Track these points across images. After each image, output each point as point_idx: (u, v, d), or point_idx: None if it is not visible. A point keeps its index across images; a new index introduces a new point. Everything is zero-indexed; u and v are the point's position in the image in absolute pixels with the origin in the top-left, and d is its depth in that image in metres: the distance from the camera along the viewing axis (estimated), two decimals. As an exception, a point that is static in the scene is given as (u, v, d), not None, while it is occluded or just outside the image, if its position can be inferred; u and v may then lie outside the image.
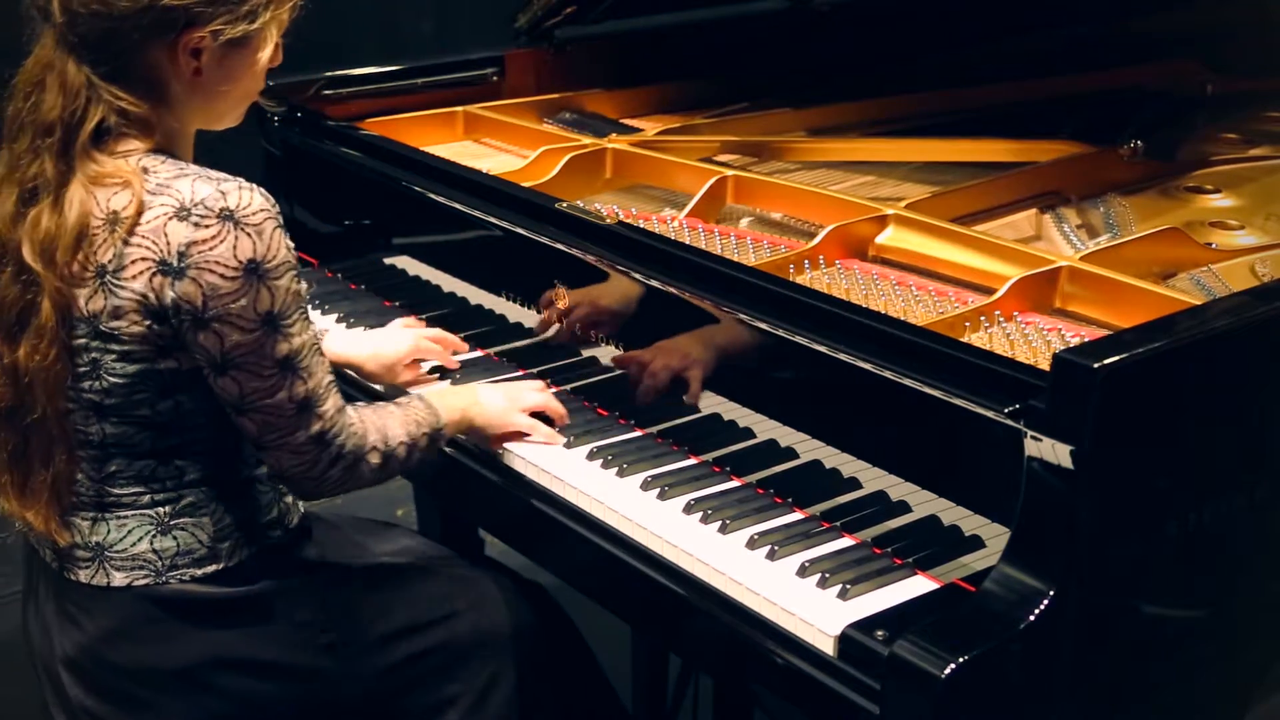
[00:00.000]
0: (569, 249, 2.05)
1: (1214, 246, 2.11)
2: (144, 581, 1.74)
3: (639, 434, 1.97)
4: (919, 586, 1.60)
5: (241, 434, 1.73)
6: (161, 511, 1.74)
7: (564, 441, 1.95)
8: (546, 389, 2.02)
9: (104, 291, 1.65)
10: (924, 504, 1.68)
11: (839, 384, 1.74)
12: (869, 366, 1.67)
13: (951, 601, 1.54)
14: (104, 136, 1.68)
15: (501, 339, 2.23)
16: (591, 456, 1.91)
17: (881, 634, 1.50)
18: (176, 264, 1.62)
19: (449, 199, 2.26)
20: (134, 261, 1.63)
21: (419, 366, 2.16)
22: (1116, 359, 1.45)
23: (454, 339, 2.19)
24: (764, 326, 1.80)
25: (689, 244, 2.07)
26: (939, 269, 2.03)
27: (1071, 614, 1.48)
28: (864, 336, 1.70)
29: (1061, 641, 1.49)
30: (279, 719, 1.82)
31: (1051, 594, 1.46)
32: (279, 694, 1.80)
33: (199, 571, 1.75)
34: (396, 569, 1.97)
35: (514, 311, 2.21)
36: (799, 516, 1.76)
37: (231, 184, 1.65)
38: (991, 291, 1.89)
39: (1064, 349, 1.50)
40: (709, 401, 1.91)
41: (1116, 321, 1.82)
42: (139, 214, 1.63)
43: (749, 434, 1.87)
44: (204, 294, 1.62)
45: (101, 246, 1.65)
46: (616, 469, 1.88)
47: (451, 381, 2.14)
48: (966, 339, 1.79)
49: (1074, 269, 1.90)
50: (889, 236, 2.09)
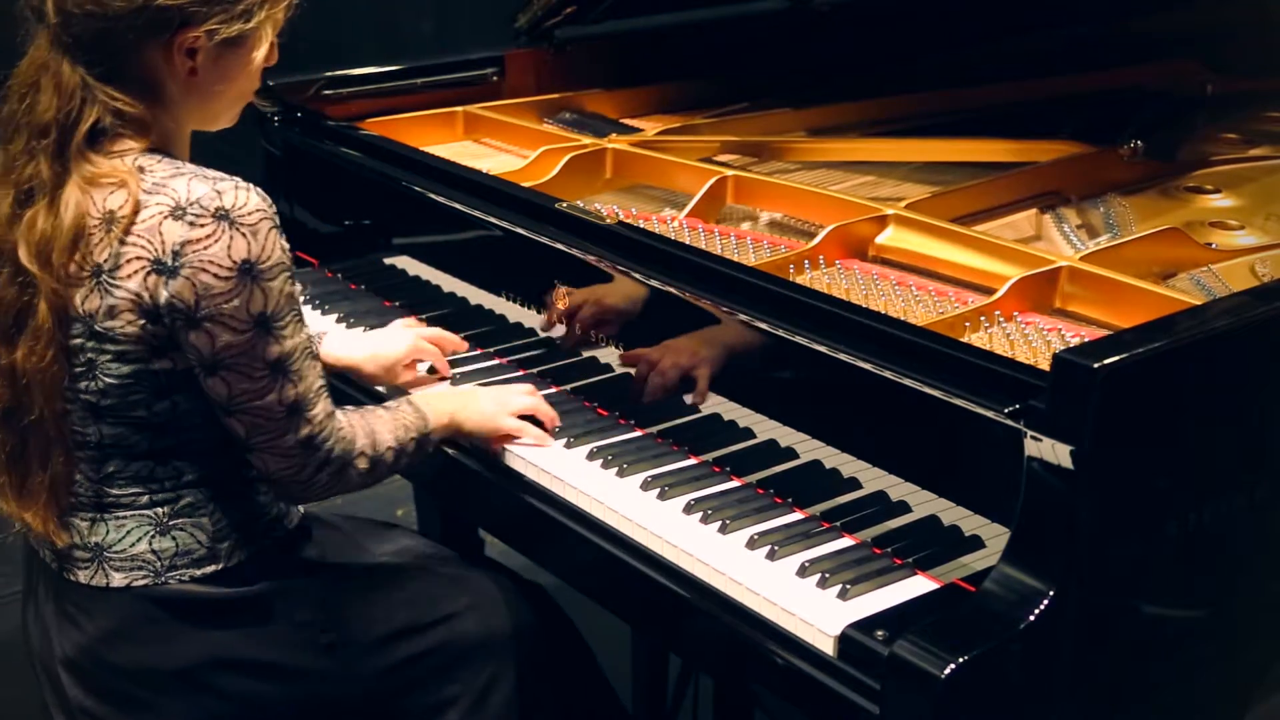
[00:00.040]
0: (569, 249, 2.05)
1: (1214, 246, 2.11)
2: (143, 582, 1.74)
3: (639, 434, 1.97)
4: (919, 586, 1.60)
5: None
6: (160, 512, 1.74)
7: (555, 443, 1.95)
8: (536, 392, 2.01)
9: (99, 291, 1.65)
10: (924, 504, 1.68)
11: (839, 384, 1.74)
12: (869, 366, 1.67)
13: (951, 601, 1.54)
14: (99, 137, 1.67)
15: (501, 339, 2.23)
16: (591, 456, 1.91)
17: (881, 634, 1.50)
18: (171, 263, 1.62)
19: (449, 199, 2.26)
20: (129, 261, 1.63)
21: (418, 367, 2.16)
22: (1116, 359, 1.45)
23: (453, 338, 2.19)
24: (764, 326, 1.79)
25: (689, 244, 2.07)
26: (939, 269, 2.02)
27: (1071, 614, 1.48)
28: (864, 336, 1.70)
29: (1061, 641, 1.48)
30: (278, 719, 1.82)
31: (1051, 594, 1.46)
32: (278, 694, 1.80)
33: (198, 572, 1.75)
34: (396, 569, 1.97)
35: (514, 311, 2.21)
36: (799, 516, 1.76)
37: (228, 183, 1.64)
38: (991, 291, 1.89)
39: (1064, 349, 1.50)
40: (709, 401, 1.91)
41: (1116, 321, 1.82)
42: (135, 213, 1.63)
43: (749, 434, 1.87)
44: (197, 293, 1.61)
45: (98, 246, 1.64)
46: (616, 469, 1.88)
47: (451, 382, 2.14)
48: (966, 339, 1.79)
49: (1074, 269, 1.90)
50: (889, 236, 2.09)
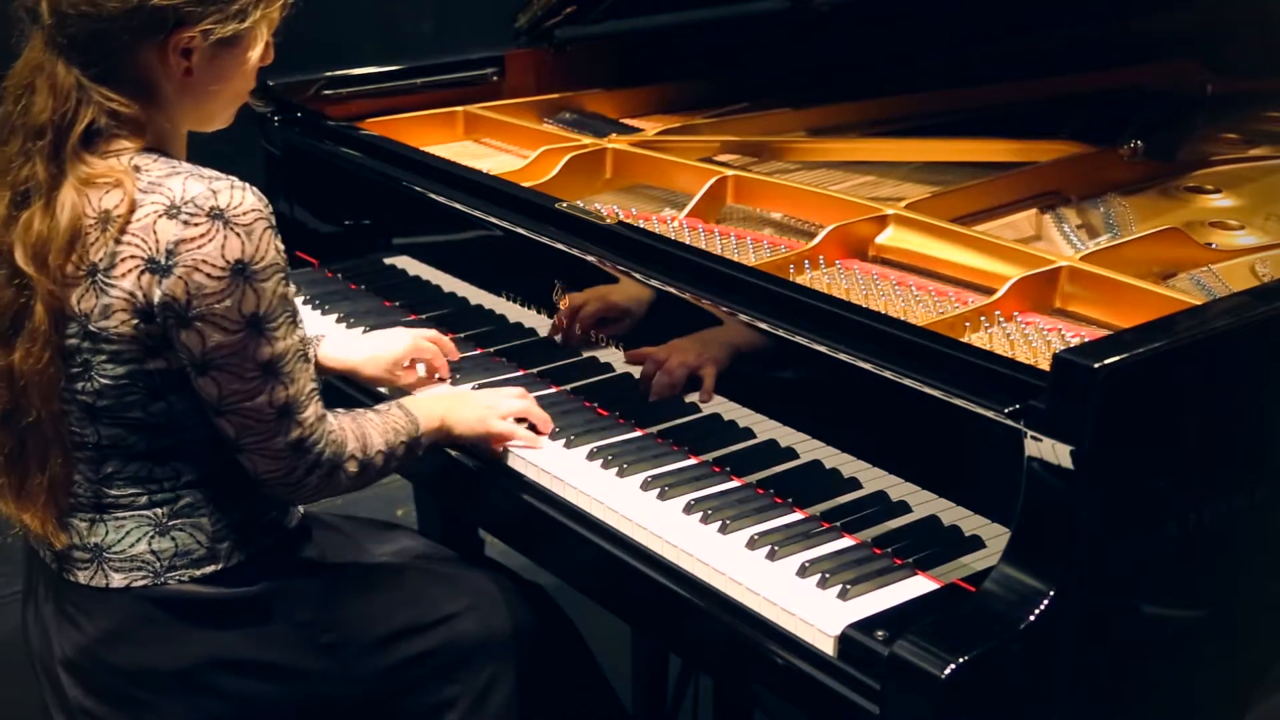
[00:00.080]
0: (569, 249, 2.05)
1: (1214, 246, 2.11)
2: (142, 582, 1.74)
3: (639, 434, 1.97)
4: (919, 587, 1.60)
5: None
6: (159, 512, 1.74)
7: (555, 444, 1.94)
8: (527, 395, 2.00)
9: (95, 290, 1.65)
10: (924, 504, 1.68)
11: (839, 384, 1.74)
12: (869, 366, 1.67)
13: (951, 602, 1.54)
14: (95, 138, 1.67)
15: (501, 339, 2.23)
16: (591, 456, 1.91)
17: (881, 634, 1.50)
18: (165, 262, 1.62)
19: (449, 199, 2.26)
20: (124, 260, 1.63)
21: (417, 368, 2.15)
22: (1116, 359, 1.45)
23: (448, 343, 2.18)
24: (764, 326, 1.79)
25: (689, 244, 2.07)
26: (939, 269, 2.02)
27: (1071, 614, 1.48)
28: (864, 336, 1.70)
29: (1061, 641, 1.48)
30: (278, 719, 1.82)
31: (1051, 594, 1.46)
32: (278, 695, 1.80)
33: (198, 572, 1.75)
34: (396, 569, 1.97)
35: (514, 311, 2.21)
36: (799, 516, 1.76)
37: (223, 183, 1.64)
38: (991, 291, 1.89)
39: (1064, 349, 1.50)
40: (709, 402, 1.91)
41: (1116, 321, 1.82)
42: (130, 212, 1.63)
43: (749, 434, 1.87)
44: (189, 292, 1.61)
45: (94, 246, 1.64)
46: (616, 469, 1.88)
47: (450, 382, 2.14)
48: (966, 339, 1.79)
49: (1074, 269, 1.90)
50: (889, 236, 2.09)
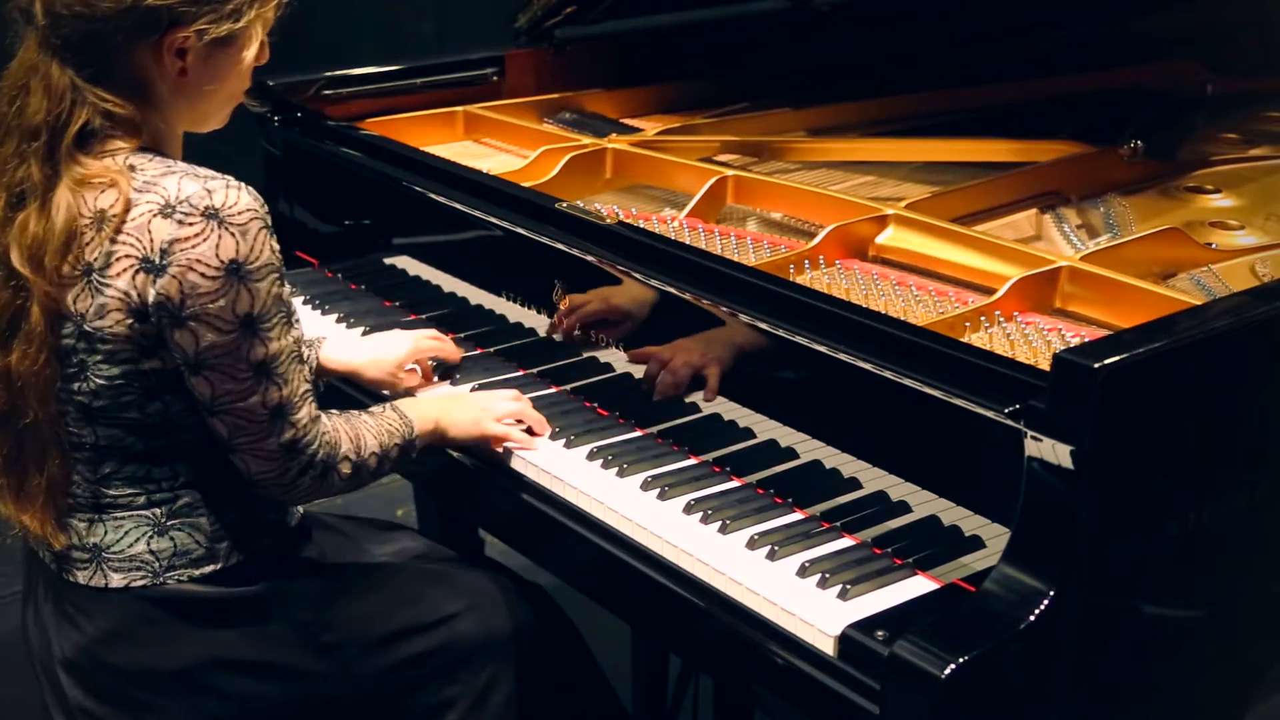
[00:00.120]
0: (569, 249, 2.05)
1: (1214, 246, 2.11)
2: (142, 582, 1.74)
3: (639, 434, 1.97)
4: (919, 587, 1.60)
5: None
6: (157, 513, 1.74)
7: (554, 444, 1.94)
8: (521, 397, 2.00)
9: (90, 290, 1.64)
10: (924, 504, 1.68)
11: (839, 384, 1.74)
12: (869, 366, 1.67)
13: (951, 602, 1.54)
14: (89, 139, 1.67)
15: (501, 339, 2.23)
16: (591, 456, 1.91)
17: (881, 634, 1.50)
18: (159, 261, 1.61)
19: (449, 199, 2.26)
20: (119, 259, 1.63)
21: (417, 370, 2.15)
22: (1116, 359, 1.45)
23: (451, 345, 2.18)
24: (764, 326, 1.79)
25: (689, 244, 2.07)
26: (939, 269, 2.02)
27: (1071, 614, 1.48)
28: (864, 336, 1.70)
29: (1061, 641, 1.48)
30: (278, 720, 1.82)
31: (1051, 594, 1.46)
32: (278, 695, 1.80)
33: (197, 572, 1.75)
34: (396, 569, 1.97)
35: (514, 311, 2.21)
36: (799, 517, 1.76)
37: (219, 182, 1.64)
38: (991, 291, 1.89)
39: (1064, 349, 1.50)
40: (709, 402, 1.91)
41: (1116, 321, 1.81)
42: (126, 212, 1.63)
43: (749, 434, 1.87)
44: (183, 292, 1.61)
45: (89, 246, 1.64)
46: (616, 469, 1.88)
47: (451, 381, 2.14)
48: (966, 339, 1.79)
49: (1074, 269, 1.90)
50: (889, 236, 2.09)
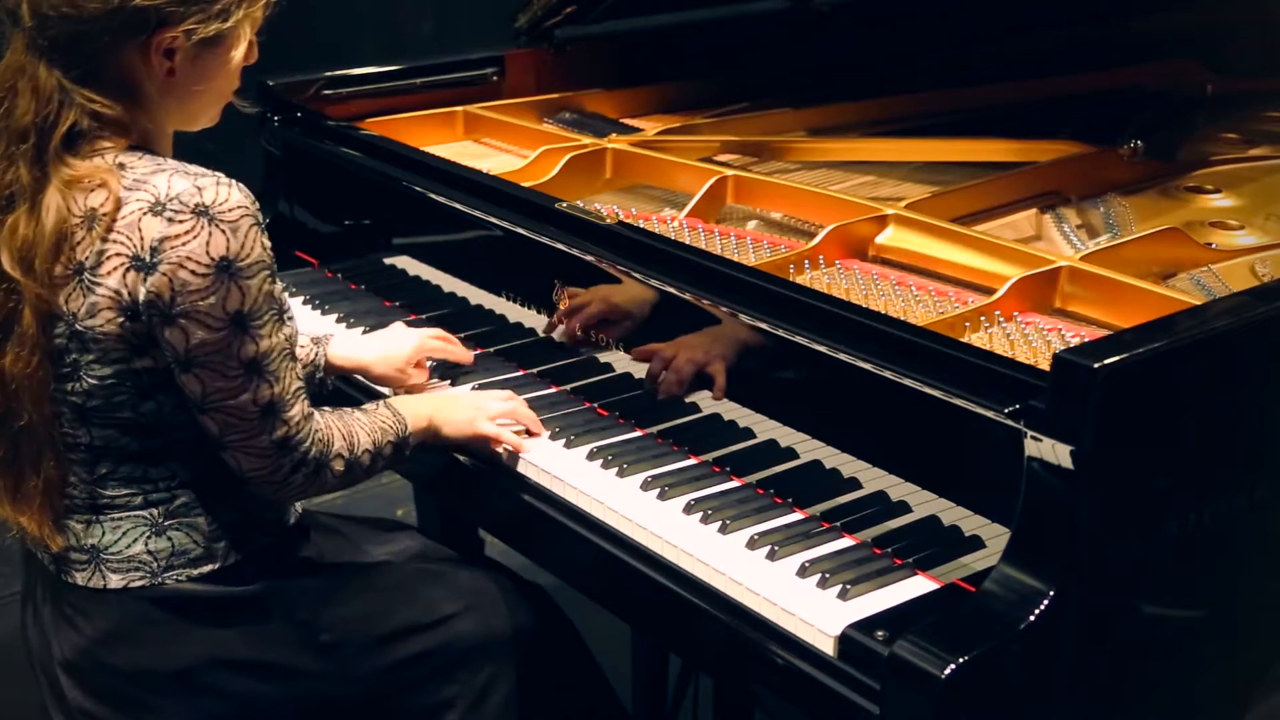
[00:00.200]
0: (569, 249, 2.05)
1: (1214, 246, 2.11)
2: (140, 583, 1.74)
3: (639, 434, 1.97)
4: (919, 587, 1.60)
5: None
6: (155, 513, 1.74)
7: (554, 443, 1.94)
8: (515, 397, 2.00)
9: (82, 289, 1.64)
10: (924, 504, 1.68)
11: (839, 384, 1.73)
12: (869, 366, 1.67)
13: (951, 602, 1.54)
14: (78, 140, 1.66)
15: (501, 339, 2.23)
16: (591, 456, 1.91)
17: (881, 634, 1.50)
18: (149, 259, 1.61)
19: (449, 199, 2.26)
20: (109, 258, 1.63)
21: (425, 367, 2.15)
22: (1116, 359, 1.45)
23: (457, 343, 2.18)
24: (764, 326, 1.79)
25: (689, 244, 2.07)
26: (939, 269, 2.02)
27: (1071, 614, 1.48)
28: (864, 336, 1.70)
29: (1061, 641, 1.48)
30: (277, 719, 1.81)
31: (1051, 594, 1.46)
32: (277, 695, 1.80)
33: (195, 572, 1.75)
34: (395, 569, 1.96)
35: (514, 311, 2.21)
36: (799, 517, 1.76)
37: (209, 179, 1.64)
38: (991, 291, 1.89)
39: (1064, 349, 1.50)
40: (709, 401, 1.91)
41: (1116, 321, 1.81)
42: (116, 210, 1.62)
43: (749, 434, 1.87)
44: (173, 289, 1.61)
45: (80, 245, 1.64)
46: (616, 469, 1.88)
47: (450, 381, 2.14)
48: (966, 339, 1.78)
49: (1074, 269, 1.90)
50: (889, 236, 2.09)
